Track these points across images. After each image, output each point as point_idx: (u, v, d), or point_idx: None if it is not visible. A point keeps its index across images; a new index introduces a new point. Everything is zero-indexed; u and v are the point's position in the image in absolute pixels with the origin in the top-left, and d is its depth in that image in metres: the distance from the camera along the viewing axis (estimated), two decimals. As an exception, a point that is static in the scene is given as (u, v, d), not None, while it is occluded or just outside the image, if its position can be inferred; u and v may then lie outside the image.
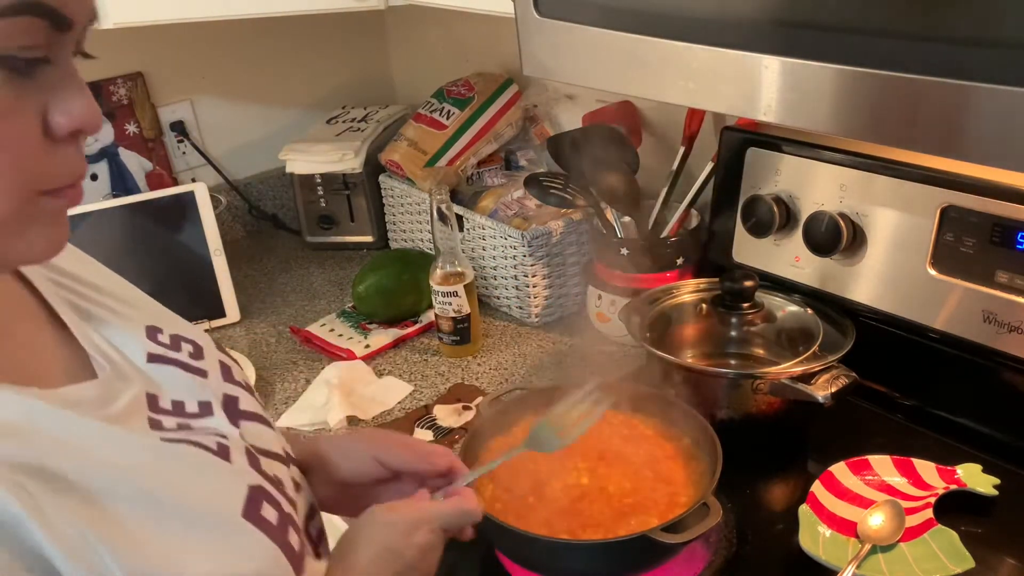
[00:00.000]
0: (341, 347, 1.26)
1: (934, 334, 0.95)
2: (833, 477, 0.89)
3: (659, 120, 1.34)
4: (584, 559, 0.79)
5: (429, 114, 1.50)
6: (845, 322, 1.00)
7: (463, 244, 1.34)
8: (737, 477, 0.82)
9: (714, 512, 0.76)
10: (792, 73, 0.65)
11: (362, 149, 1.55)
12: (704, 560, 0.83)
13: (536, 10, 0.83)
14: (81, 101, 0.46)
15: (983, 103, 0.55)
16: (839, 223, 0.97)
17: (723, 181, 1.13)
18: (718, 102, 0.73)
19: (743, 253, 1.12)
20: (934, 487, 0.87)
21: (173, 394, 0.57)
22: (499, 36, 1.51)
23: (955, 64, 0.56)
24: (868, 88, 0.61)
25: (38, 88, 0.43)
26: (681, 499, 0.82)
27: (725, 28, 0.69)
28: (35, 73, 0.43)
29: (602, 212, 1.21)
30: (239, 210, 1.69)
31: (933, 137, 0.59)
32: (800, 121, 0.67)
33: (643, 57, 0.76)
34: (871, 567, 0.79)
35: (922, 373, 1.00)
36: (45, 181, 0.46)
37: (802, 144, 1.02)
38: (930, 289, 0.93)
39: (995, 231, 0.87)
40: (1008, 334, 0.88)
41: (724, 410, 0.95)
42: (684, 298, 1.10)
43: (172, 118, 1.59)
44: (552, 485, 0.84)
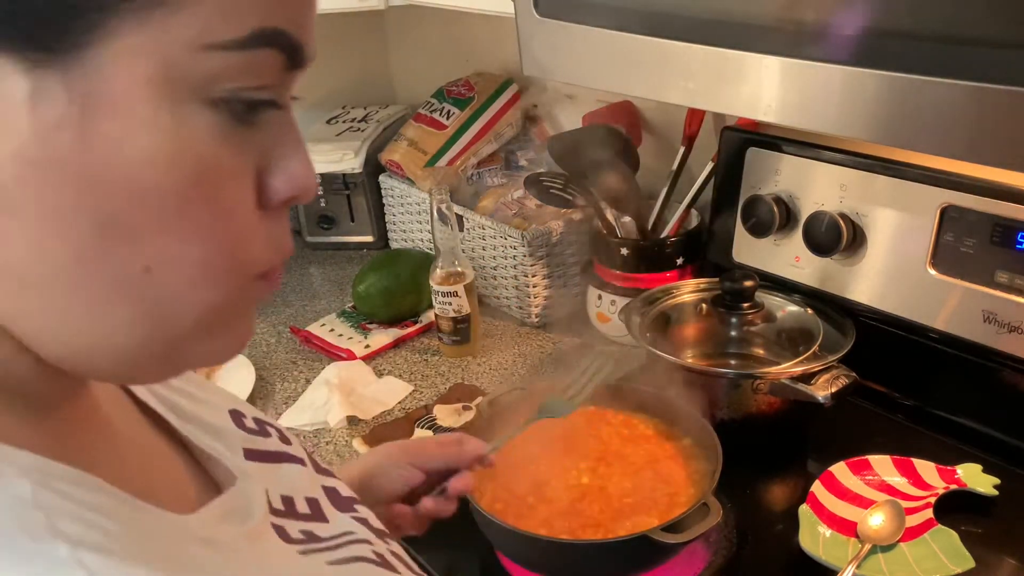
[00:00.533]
0: (341, 347, 1.26)
1: (934, 334, 0.94)
2: (833, 477, 0.89)
3: (659, 120, 1.34)
4: (584, 559, 0.79)
5: (429, 114, 1.50)
6: (845, 322, 1.00)
7: (463, 244, 1.34)
8: (737, 477, 0.82)
9: (714, 512, 0.76)
10: (792, 73, 0.65)
11: (362, 149, 1.55)
12: (704, 560, 0.83)
13: (536, 10, 0.83)
14: (302, 160, 0.37)
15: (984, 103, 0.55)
16: (839, 223, 0.97)
17: (723, 181, 1.13)
18: (718, 102, 0.73)
19: (743, 253, 1.12)
20: (934, 487, 0.87)
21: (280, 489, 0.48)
22: (499, 36, 1.51)
23: (956, 64, 0.56)
24: (868, 88, 0.61)
25: (257, 142, 0.35)
26: (681, 499, 0.82)
27: (725, 28, 0.69)
28: (258, 120, 0.34)
29: (602, 212, 1.21)
30: (239, 210, 1.68)
31: (933, 137, 0.59)
32: (800, 121, 0.67)
33: (643, 57, 0.76)
34: (871, 567, 0.79)
35: (922, 373, 1.00)
36: (258, 263, 0.36)
37: (802, 144, 1.02)
38: (930, 289, 0.93)
39: (995, 231, 0.87)
40: (1008, 334, 0.88)
41: (724, 410, 0.95)
42: (684, 298, 1.10)
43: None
44: (552, 485, 0.84)
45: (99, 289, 0.33)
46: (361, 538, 0.50)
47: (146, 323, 0.34)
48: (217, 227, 0.34)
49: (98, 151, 0.31)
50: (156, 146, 0.31)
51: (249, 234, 0.35)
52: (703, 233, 1.19)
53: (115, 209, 0.31)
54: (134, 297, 0.33)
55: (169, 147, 0.32)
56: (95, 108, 0.30)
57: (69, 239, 0.31)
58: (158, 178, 0.32)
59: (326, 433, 1.09)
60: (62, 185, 0.31)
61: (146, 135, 0.31)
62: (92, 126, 0.30)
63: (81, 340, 0.34)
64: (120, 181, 0.31)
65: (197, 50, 0.31)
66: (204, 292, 0.34)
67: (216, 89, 0.32)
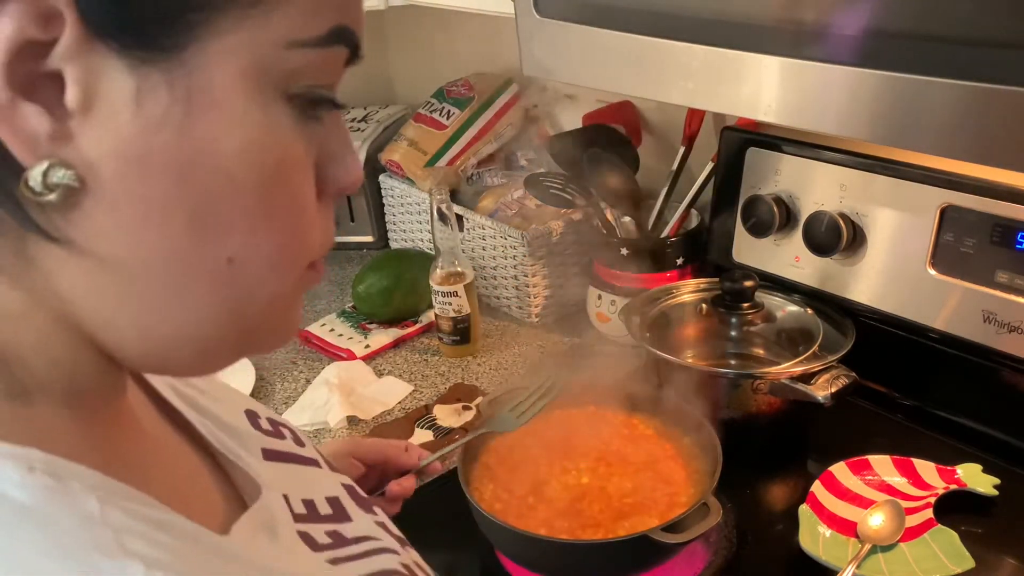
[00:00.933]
0: (341, 347, 1.26)
1: (934, 334, 0.94)
2: (833, 477, 0.89)
3: (659, 120, 1.34)
4: (584, 559, 0.79)
5: (429, 114, 1.50)
6: (845, 322, 1.00)
7: (463, 244, 1.34)
8: (737, 477, 0.82)
9: (714, 512, 0.76)
10: (792, 73, 0.65)
11: (362, 149, 1.55)
12: (704, 560, 0.83)
13: (536, 10, 0.83)
14: (354, 154, 0.39)
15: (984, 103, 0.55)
16: (839, 223, 0.97)
17: (723, 181, 1.13)
18: (718, 102, 0.73)
19: (743, 253, 1.12)
20: (934, 487, 0.87)
21: (300, 492, 0.48)
22: (499, 36, 1.51)
23: (956, 64, 0.56)
24: (868, 88, 0.61)
25: (318, 136, 0.37)
26: (681, 499, 0.82)
27: (725, 28, 0.69)
28: (320, 116, 0.36)
29: (602, 212, 1.21)
30: (239, 210, 1.68)
31: (933, 137, 0.59)
32: (800, 121, 0.67)
33: (643, 57, 0.76)
34: (871, 567, 0.79)
35: (922, 373, 1.00)
36: (314, 251, 0.38)
37: (802, 144, 1.02)
38: (930, 289, 0.93)
39: (995, 231, 0.87)
40: (1008, 334, 0.88)
41: (724, 410, 0.95)
42: (684, 298, 1.10)
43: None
44: (552, 485, 0.84)
45: (189, 280, 0.34)
46: (387, 547, 0.49)
47: (226, 313, 0.35)
48: (292, 217, 0.36)
49: (196, 146, 0.32)
50: (249, 139, 0.33)
51: (313, 224, 0.37)
52: (703, 233, 1.19)
53: (207, 202, 0.33)
54: (219, 287, 0.35)
55: (259, 140, 0.33)
56: (196, 105, 0.32)
57: (164, 233, 0.33)
58: (248, 170, 0.33)
59: (326, 433, 1.09)
60: (160, 180, 0.32)
61: (240, 129, 0.33)
62: (192, 122, 0.32)
63: (167, 331, 0.35)
64: (214, 174, 0.33)
65: (284, 47, 0.33)
66: (276, 281, 0.36)
67: (294, 85, 0.34)
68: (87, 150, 0.31)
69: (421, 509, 0.79)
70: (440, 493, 0.89)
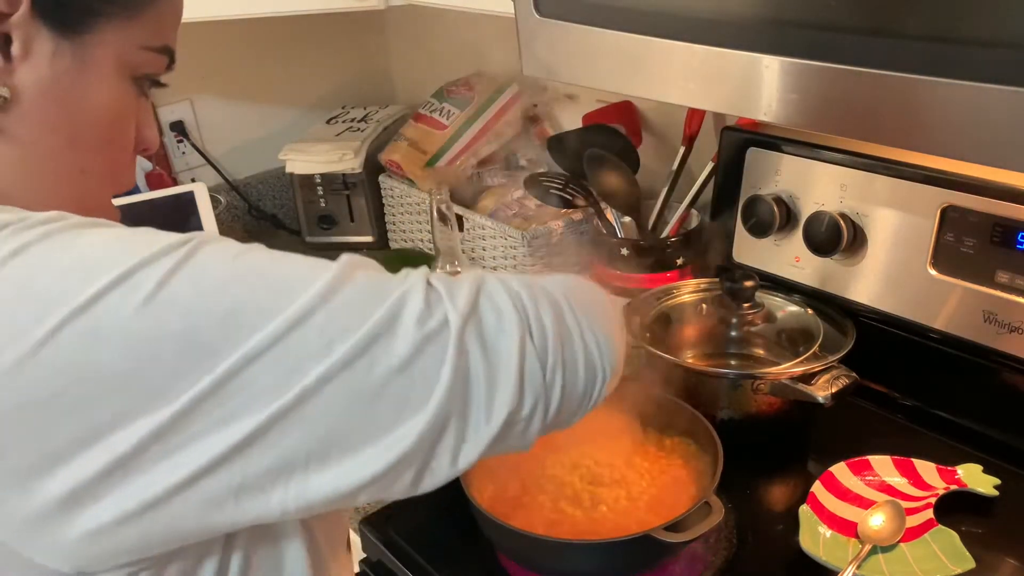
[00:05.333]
0: (341, 347, 1.26)
1: (934, 334, 0.94)
2: (833, 477, 0.89)
3: (659, 120, 1.34)
4: (585, 559, 0.79)
5: (429, 114, 1.50)
6: (845, 322, 1.00)
7: (463, 244, 1.34)
8: (737, 477, 0.82)
9: (716, 511, 0.76)
10: (792, 73, 0.65)
11: (362, 149, 1.55)
12: (704, 560, 0.83)
13: (536, 10, 0.83)
14: (155, 127, 0.61)
15: (985, 103, 0.55)
16: (839, 223, 0.97)
17: (723, 181, 1.13)
18: (718, 102, 0.73)
19: (743, 253, 1.12)
20: (934, 487, 0.87)
21: None
22: (499, 36, 1.51)
23: (957, 64, 0.56)
24: (869, 88, 0.61)
25: (140, 107, 0.58)
26: (682, 498, 0.82)
27: (725, 28, 0.69)
28: (147, 95, 0.58)
29: (602, 212, 1.21)
30: (239, 210, 1.69)
31: (934, 137, 0.59)
32: (800, 121, 0.67)
33: (643, 57, 0.76)
34: (871, 567, 0.79)
35: (922, 373, 1.00)
36: (120, 182, 0.59)
37: (802, 144, 1.02)
38: (930, 289, 0.93)
39: (995, 231, 0.87)
40: (1008, 334, 0.88)
41: (724, 410, 0.95)
42: (684, 298, 1.10)
43: (172, 118, 1.58)
44: (553, 485, 0.84)
45: (58, 175, 0.54)
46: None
47: (73, 203, 0.53)
48: (122, 151, 0.57)
49: (79, 92, 0.53)
50: (109, 96, 0.54)
51: (131, 161, 0.59)
52: (703, 233, 1.19)
53: (78, 127, 0.54)
54: (74, 184, 0.55)
55: (114, 98, 0.55)
56: (84, 68, 0.53)
57: (52, 138, 0.53)
58: (104, 114, 0.55)
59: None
60: (56, 106, 0.53)
61: (105, 88, 0.54)
62: (80, 77, 0.53)
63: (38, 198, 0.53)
64: (85, 112, 0.54)
65: (139, 48, 0.55)
66: (103, 189, 0.58)
67: (138, 71, 0.56)
68: (19, 80, 0.51)
69: (421, 509, 0.79)
70: (440, 493, 0.88)
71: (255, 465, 0.44)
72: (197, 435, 0.43)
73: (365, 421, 0.46)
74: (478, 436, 0.49)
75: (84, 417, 0.42)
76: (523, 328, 0.51)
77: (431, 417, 0.47)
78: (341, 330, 0.45)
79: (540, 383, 0.51)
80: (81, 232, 0.46)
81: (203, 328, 0.43)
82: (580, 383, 0.54)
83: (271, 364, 0.44)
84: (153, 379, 0.43)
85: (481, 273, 0.54)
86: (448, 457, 0.49)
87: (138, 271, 0.44)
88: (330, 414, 0.45)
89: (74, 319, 0.42)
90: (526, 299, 0.52)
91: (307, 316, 0.45)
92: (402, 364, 0.46)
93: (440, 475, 0.50)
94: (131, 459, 0.43)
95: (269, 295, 0.45)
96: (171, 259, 0.45)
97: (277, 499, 0.46)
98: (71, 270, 0.44)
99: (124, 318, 0.43)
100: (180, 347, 0.43)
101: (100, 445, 0.42)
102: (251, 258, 0.48)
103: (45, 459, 0.43)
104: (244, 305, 0.44)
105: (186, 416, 0.43)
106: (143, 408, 0.43)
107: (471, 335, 0.49)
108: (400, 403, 0.47)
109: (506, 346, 0.50)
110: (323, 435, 0.45)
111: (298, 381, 0.44)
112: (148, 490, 0.43)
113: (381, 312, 0.47)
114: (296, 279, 0.46)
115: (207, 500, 0.44)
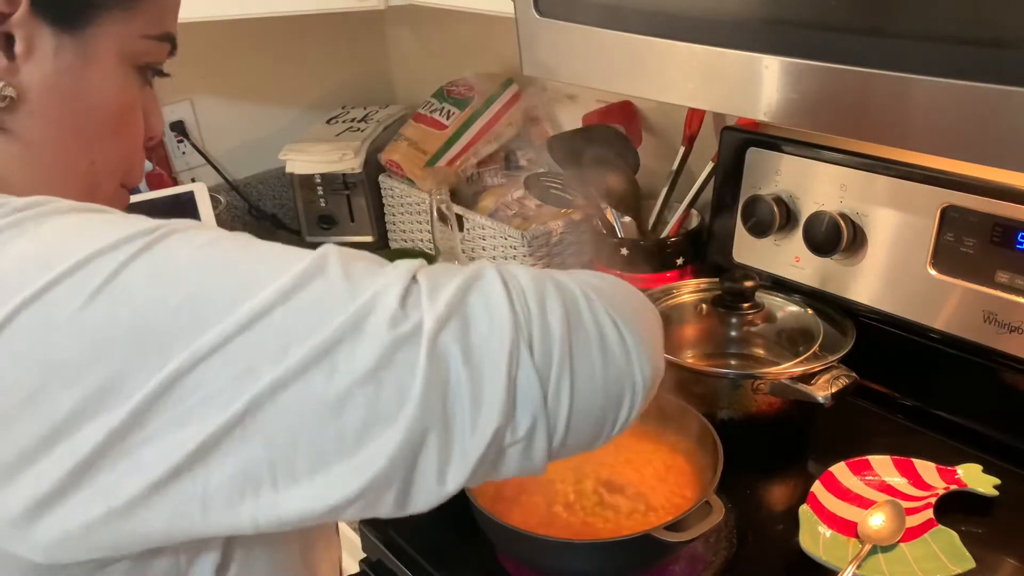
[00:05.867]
0: (341, 347, 1.26)
1: (934, 334, 0.94)
2: (833, 477, 0.89)
3: (659, 120, 1.34)
4: (586, 559, 0.79)
5: (429, 114, 1.50)
6: (845, 322, 1.00)
7: (463, 244, 1.34)
8: (737, 477, 0.82)
9: (716, 510, 0.76)
10: (792, 73, 0.65)
11: (362, 149, 1.55)
12: (704, 560, 0.83)
13: (536, 10, 0.83)
14: (161, 113, 0.61)
15: (985, 103, 0.55)
16: (839, 223, 0.97)
17: (723, 181, 1.13)
18: (718, 102, 0.73)
19: (743, 253, 1.12)
20: (934, 487, 0.87)
21: None
22: (499, 36, 1.51)
23: (957, 64, 0.56)
24: (868, 88, 0.61)
25: (146, 96, 0.58)
26: (683, 498, 0.82)
27: (725, 28, 0.69)
28: (151, 84, 0.59)
29: (602, 212, 1.21)
30: (239, 210, 1.69)
31: (933, 137, 0.59)
32: (800, 121, 0.67)
33: (643, 57, 0.76)
34: (871, 567, 0.79)
35: (922, 373, 1.00)
36: (131, 174, 0.60)
37: (802, 144, 1.02)
38: (930, 289, 0.93)
39: (995, 231, 0.87)
40: (1008, 334, 0.88)
41: (724, 410, 0.95)
42: (684, 298, 1.10)
43: (172, 118, 1.59)
44: (553, 485, 0.84)
45: (69, 167, 0.55)
46: None
47: (86, 193, 0.55)
48: (129, 141, 0.58)
49: (83, 86, 0.53)
50: (113, 88, 0.55)
51: (139, 150, 0.59)
52: (703, 233, 1.19)
53: (84, 120, 0.54)
54: (82, 177, 0.56)
55: (118, 90, 0.55)
56: (87, 63, 0.53)
57: (59, 134, 0.54)
58: (109, 106, 0.55)
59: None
60: (61, 103, 0.53)
61: (109, 81, 0.54)
62: (83, 72, 0.53)
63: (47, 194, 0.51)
64: (91, 105, 0.54)
65: (139, 38, 0.55)
66: (112, 179, 0.58)
67: (140, 60, 0.56)
68: (24, 79, 0.51)
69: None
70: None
71: (216, 474, 0.42)
72: (153, 436, 0.41)
73: (330, 435, 0.42)
74: (464, 455, 0.44)
75: (43, 412, 0.41)
76: (517, 331, 0.44)
77: (404, 433, 0.42)
78: (301, 332, 0.42)
79: (538, 398, 0.45)
80: (53, 218, 0.45)
81: (154, 322, 0.41)
82: (598, 399, 0.47)
83: (222, 365, 0.41)
84: (105, 373, 0.41)
85: (483, 266, 0.48)
86: (433, 477, 0.44)
87: (94, 259, 0.42)
88: (288, 425, 0.42)
89: (27, 307, 0.41)
90: (530, 296, 0.46)
91: (264, 314, 0.41)
92: (367, 373, 0.42)
93: (429, 496, 0.45)
94: (93, 461, 0.41)
95: (228, 288, 0.42)
96: (130, 247, 0.43)
97: (247, 513, 0.43)
98: (31, 258, 0.42)
99: (74, 308, 0.41)
100: (130, 340, 0.41)
101: (62, 445, 0.41)
102: (218, 247, 0.44)
103: (13, 461, 0.42)
104: (199, 299, 0.42)
105: (141, 415, 0.41)
106: (99, 405, 0.41)
107: (450, 339, 0.43)
108: (368, 417, 0.42)
109: (493, 352, 0.44)
110: (284, 447, 0.42)
111: (251, 386, 0.41)
112: (113, 496, 0.42)
113: (347, 313, 0.42)
114: (262, 272, 0.43)
115: (173, 510, 0.43)
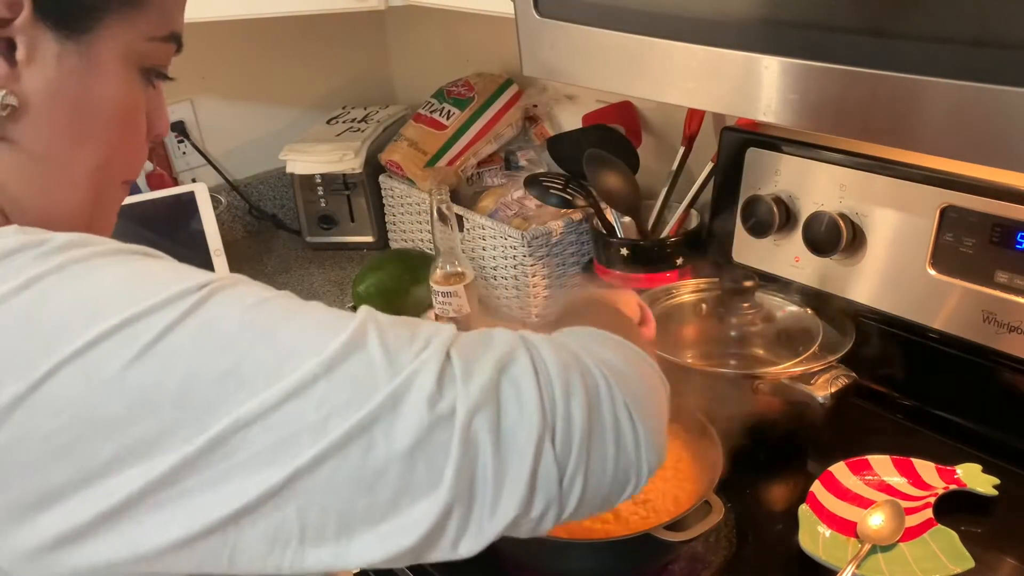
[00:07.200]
0: (341, 347, 1.26)
1: (934, 334, 0.94)
2: (833, 477, 0.89)
3: (659, 120, 1.34)
4: (586, 558, 0.79)
5: (429, 114, 1.50)
6: (845, 322, 1.00)
7: (463, 244, 1.34)
8: (737, 477, 0.82)
9: (716, 510, 0.77)
10: (791, 73, 0.65)
11: (362, 149, 1.55)
12: (704, 560, 0.83)
13: (536, 10, 0.83)
14: (167, 113, 0.61)
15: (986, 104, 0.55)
16: (839, 223, 0.97)
17: (723, 181, 1.13)
18: (718, 102, 0.73)
19: (743, 253, 1.12)
20: (934, 487, 0.87)
21: None
22: (499, 36, 1.51)
23: (957, 64, 0.56)
24: (868, 88, 0.61)
25: (151, 97, 0.58)
26: (683, 498, 0.82)
27: (725, 28, 0.69)
28: (156, 84, 0.58)
29: (602, 212, 1.21)
30: (239, 210, 1.69)
31: (933, 137, 0.59)
32: (799, 121, 0.67)
33: (643, 57, 0.76)
34: (871, 567, 0.79)
35: (922, 373, 1.00)
36: (133, 171, 0.59)
37: (802, 144, 1.02)
38: (930, 289, 0.93)
39: (995, 231, 0.87)
40: (1008, 334, 0.88)
41: (724, 410, 0.95)
42: (684, 298, 1.10)
43: (172, 118, 1.58)
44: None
45: (73, 174, 0.54)
46: None
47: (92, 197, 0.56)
48: (135, 142, 0.58)
49: (87, 91, 0.53)
50: (118, 91, 0.54)
51: (144, 149, 0.59)
52: (703, 233, 1.19)
53: (89, 125, 0.54)
54: (86, 183, 0.55)
55: (123, 93, 0.54)
56: (90, 67, 0.52)
57: (64, 141, 0.53)
58: (115, 110, 0.54)
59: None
60: (65, 108, 0.52)
61: (113, 85, 0.54)
62: (87, 76, 0.52)
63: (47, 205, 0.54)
64: (95, 110, 0.53)
65: (144, 40, 0.54)
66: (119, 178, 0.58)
67: (146, 63, 0.55)
68: (26, 86, 0.50)
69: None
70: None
71: (248, 533, 0.44)
72: (188, 493, 0.43)
73: (361, 505, 0.44)
74: (481, 532, 0.47)
75: (79, 459, 0.42)
76: (544, 422, 0.47)
77: (432, 509, 0.45)
78: (341, 406, 0.43)
79: (555, 488, 0.48)
80: (97, 265, 0.45)
81: (199, 387, 0.42)
82: (605, 486, 0.51)
83: (263, 432, 0.43)
84: (147, 430, 0.42)
85: (512, 343, 0.50)
86: (448, 546, 0.47)
87: (142, 318, 0.43)
88: (323, 495, 0.44)
89: (73, 361, 0.42)
90: (557, 388, 0.48)
91: (307, 386, 0.43)
92: (404, 451, 0.44)
93: (440, 557, 0.48)
94: (124, 508, 0.42)
95: (272, 357, 0.44)
96: (177, 309, 0.44)
97: (273, 564, 0.45)
98: (77, 309, 0.43)
99: (119, 367, 0.42)
100: (174, 403, 0.42)
101: (94, 489, 0.42)
102: (263, 311, 0.46)
103: (43, 496, 0.42)
104: (244, 366, 0.43)
105: (178, 472, 0.42)
106: (137, 458, 0.42)
107: (482, 426, 0.45)
108: (399, 491, 0.45)
109: (520, 444, 0.46)
110: (317, 514, 0.44)
111: (292, 456, 0.43)
112: (140, 543, 0.43)
113: (386, 391, 0.44)
114: (305, 341, 0.45)
115: (200, 560, 0.44)
